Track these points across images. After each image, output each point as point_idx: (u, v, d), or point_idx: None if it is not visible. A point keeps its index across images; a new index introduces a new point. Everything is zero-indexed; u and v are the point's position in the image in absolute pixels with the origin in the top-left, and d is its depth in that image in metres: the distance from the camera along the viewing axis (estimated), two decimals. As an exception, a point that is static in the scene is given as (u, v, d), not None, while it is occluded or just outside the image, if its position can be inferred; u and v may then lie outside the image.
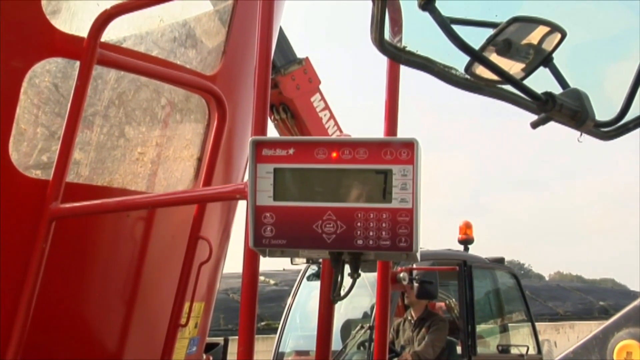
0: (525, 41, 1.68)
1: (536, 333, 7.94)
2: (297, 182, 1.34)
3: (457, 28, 1.45)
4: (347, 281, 1.40)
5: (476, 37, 1.60)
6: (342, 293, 1.41)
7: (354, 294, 1.42)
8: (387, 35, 1.42)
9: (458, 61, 1.52)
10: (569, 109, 1.62)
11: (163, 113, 2.46)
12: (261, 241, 1.34)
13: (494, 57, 1.62)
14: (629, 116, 1.73)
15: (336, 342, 6.34)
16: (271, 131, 6.24)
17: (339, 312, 6.74)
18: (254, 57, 1.68)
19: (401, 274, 2.22)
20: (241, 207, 2.66)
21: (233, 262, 2.73)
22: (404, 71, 1.99)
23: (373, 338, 5.89)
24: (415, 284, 5.85)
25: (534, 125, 1.70)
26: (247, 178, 1.37)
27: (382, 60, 1.79)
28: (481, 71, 1.57)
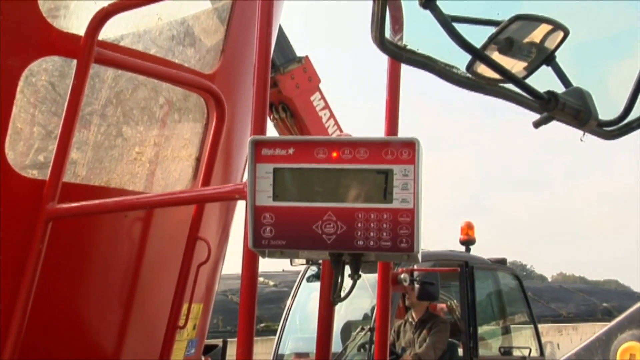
0: (527, 39, 1.66)
1: (539, 335, 7.91)
2: (297, 182, 1.33)
3: (459, 26, 1.43)
4: (347, 282, 1.40)
5: (478, 36, 1.59)
6: (343, 294, 1.40)
7: (354, 296, 1.41)
8: (388, 33, 1.42)
9: (459, 60, 1.51)
10: (572, 108, 1.61)
11: (161, 112, 2.45)
12: (260, 242, 1.33)
13: (496, 56, 1.60)
14: (633, 115, 1.72)
15: (336, 344, 6.33)
16: (270, 130, 6.23)
17: (339, 314, 6.73)
18: (253, 56, 1.67)
19: (402, 275, 2.21)
20: (240, 208, 2.65)
21: (232, 263, 2.72)
22: (405, 70, 1.99)
23: (373, 340, 5.86)
24: (416, 285, 5.85)
25: (537, 124, 1.69)
26: (247, 178, 1.36)
27: (383, 59, 1.78)
28: (483, 70, 1.56)
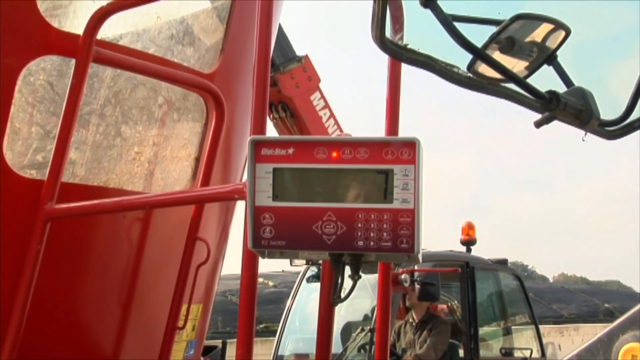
0: (528, 39, 1.66)
1: (540, 336, 7.90)
2: (297, 182, 1.33)
3: (460, 25, 1.43)
4: (348, 283, 1.39)
5: (479, 35, 1.58)
6: (343, 295, 1.40)
7: (355, 296, 1.41)
8: (389, 33, 1.41)
9: (460, 59, 1.50)
10: (574, 108, 1.61)
11: (160, 112, 2.45)
12: (260, 242, 1.33)
13: (497, 55, 1.60)
14: (635, 115, 1.72)
15: (336, 345, 6.33)
16: (270, 130, 6.23)
17: (339, 315, 6.73)
18: (253, 55, 1.67)
19: (402, 276, 2.20)
20: (240, 208, 2.65)
21: (231, 264, 2.71)
22: (405, 70, 1.98)
23: (374, 341, 5.84)
24: (416, 286, 5.85)
25: (538, 124, 1.68)
26: (246, 178, 1.35)
27: (384, 58, 1.77)
28: (484, 69, 1.56)
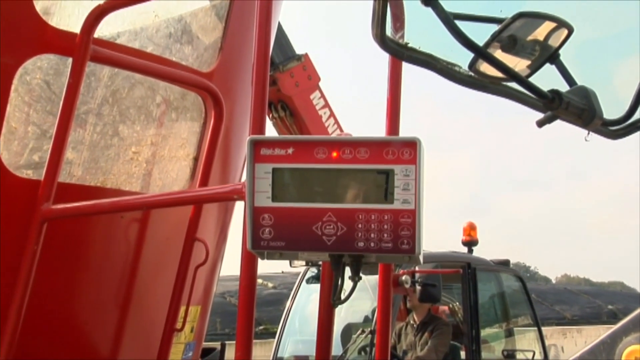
0: (531, 37, 1.66)
1: (542, 338, 7.88)
2: (297, 183, 1.32)
3: (461, 24, 1.43)
4: (348, 284, 1.38)
5: (480, 34, 1.58)
6: (343, 296, 1.39)
7: (355, 298, 1.40)
8: (389, 31, 1.41)
9: (462, 58, 1.50)
10: (576, 107, 1.60)
11: (158, 111, 2.44)
12: (259, 243, 1.32)
13: (499, 54, 1.60)
14: (638, 114, 1.72)
15: (336, 347, 6.31)
16: (269, 130, 6.22)
17: (339, 316, 6.71)
18: (252, 54, 1.66)
19: (403, 277, 2.19)
20: (239, 208, 2.64)
21: (230, 265, 2.70)
22: (406, 68, 1.97)
23: (374, 343, 5.84)
24: (417, 287, 5.83)
25: (540, 123, 1.68)
26: (245, 178, 1.34)
27: (384, 57, 1.76)
28: (485, 68, 1.55)
